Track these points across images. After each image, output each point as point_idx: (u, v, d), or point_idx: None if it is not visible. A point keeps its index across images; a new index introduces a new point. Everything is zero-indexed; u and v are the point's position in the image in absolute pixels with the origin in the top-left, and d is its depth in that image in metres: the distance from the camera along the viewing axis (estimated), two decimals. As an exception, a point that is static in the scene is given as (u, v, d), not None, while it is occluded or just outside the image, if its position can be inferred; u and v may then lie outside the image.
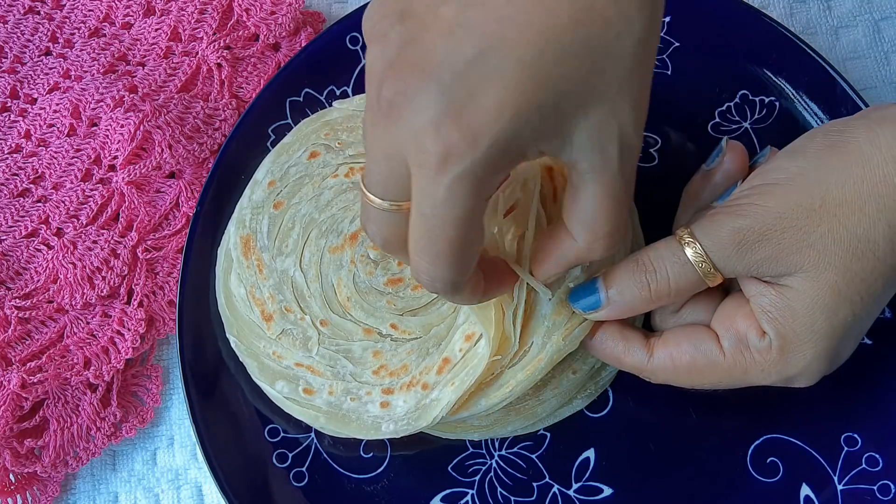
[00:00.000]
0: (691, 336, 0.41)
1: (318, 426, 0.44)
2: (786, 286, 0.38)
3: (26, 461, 0.48)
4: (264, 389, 0.45)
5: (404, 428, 0.42)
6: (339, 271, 0.46)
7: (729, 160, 0.44)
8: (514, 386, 0.43)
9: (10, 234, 0.53)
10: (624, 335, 0.43)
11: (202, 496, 0.50)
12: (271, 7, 0.56)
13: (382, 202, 0.34)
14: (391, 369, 0.44)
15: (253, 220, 0.47)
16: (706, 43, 0.52)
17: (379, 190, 0.34)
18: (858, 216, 0.37)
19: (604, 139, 0.32)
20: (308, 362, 0.44)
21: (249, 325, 0.46)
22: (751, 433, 0.47)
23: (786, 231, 0.37)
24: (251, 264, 0.47)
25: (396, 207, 0.34)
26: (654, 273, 0.40)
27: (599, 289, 0.41)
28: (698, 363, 0.41)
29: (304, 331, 0.45)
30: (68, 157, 0.54)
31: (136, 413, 0.51)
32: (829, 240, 0.37)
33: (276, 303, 0.46)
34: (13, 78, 0.56)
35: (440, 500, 0.47)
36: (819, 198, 0.37)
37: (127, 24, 0.57)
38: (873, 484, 0.45)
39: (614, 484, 0.47)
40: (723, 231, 0.38)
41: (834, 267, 0.37)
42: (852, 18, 0.56)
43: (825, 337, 0.38)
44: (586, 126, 0.32)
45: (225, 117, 0.55)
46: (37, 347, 0.50)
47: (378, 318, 0.45)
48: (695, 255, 0.39)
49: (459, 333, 0.43)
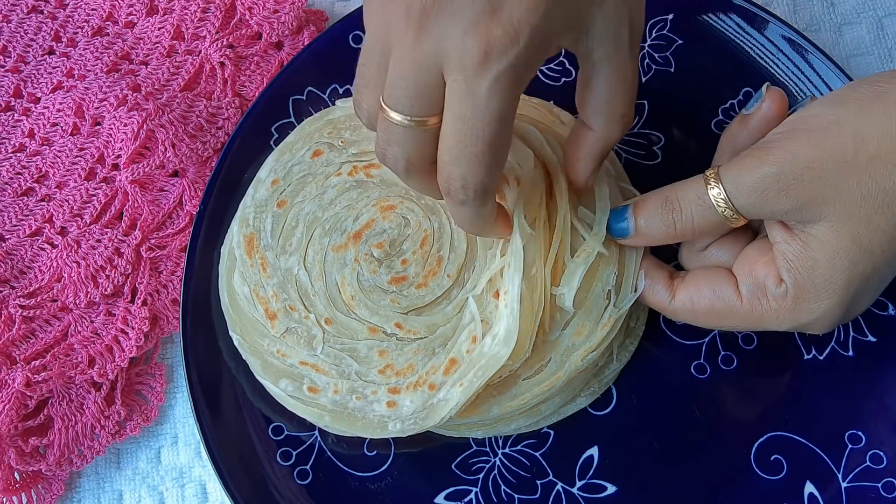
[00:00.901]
0: (712, 281, 0.42)
1: (323, 425, 0.44)
2: (810, 235, 0.38)
3: (31, 459, 0.49)
4: (268, 388, 0.45)
5: (411, 427, 0.43)
6: (342, 269, 0.46)
7: (767, 106, 0.43)
8: (529, 399, 0.44)
9: (14, 232, 0.53)
10: (650, 273, 0.44)
11: (206, 494, 0.50)
12: (274, 6, 0.56)
13: (408, 119, 0.35)
14: (397, 369, 0.44)
15: (256, 218, 0.47)
16: (709, 40, 0.52)
17: (406, 105, 0.35)
18: (890, 170, 0.36)
19: (618, 25, 0.35)
20: (313, 361, 0.44)
21: (253, 323, 0.46)
22: (755, 431, 0.47)
23: (812, 182, 0.37)
24: (255, 263, 0.47)
25: (422, 123, 0.35)
26: (680, 213, 0.41)
27: (629, 217, 0.43)
28: (716, 307, 0.42)
29: (309, 329, 0.45)
30: (72, 156, 0.54)
31: (141, 411, 0.51)
32: (856, 193, 0.37)
33: (281, 301, 0.46)
34: (17, 77, 0.56)
35: (444, 497, 0.47)
36: (852, 150, 0.37)
37: (130, 23, 0.57)
38: (878, 481, 0.45)
39: (618, 481, 0.47)
40: (748, 178, 0.39)
41: (858, 219, 0.37)
42: (856, 15, 0.56)
43: (842, 288, 0.38)
44: (601, 14, 0.35)
45: (228, 116, 0.55)
46: (41, 346, 0.51)
47: (382, 317, 0.45)
48: (718, 198, 0.39)
49: (466, 334, 0.43)
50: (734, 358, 0.48)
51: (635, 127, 0.52)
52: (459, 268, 0.45)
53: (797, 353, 0.48)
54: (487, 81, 0.33)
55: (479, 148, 0.34)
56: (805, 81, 0.51)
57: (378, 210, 0.47)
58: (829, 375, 0.47)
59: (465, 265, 0.45)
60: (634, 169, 0.51)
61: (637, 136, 0.52)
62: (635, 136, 0.52)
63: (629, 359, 0.48)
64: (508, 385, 0.44)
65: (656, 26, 0.53)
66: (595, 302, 0.44)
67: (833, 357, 0.48)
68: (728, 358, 0.48)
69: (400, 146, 0.36)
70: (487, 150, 0.34)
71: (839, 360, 0.48)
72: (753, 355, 0.48)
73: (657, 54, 0.53)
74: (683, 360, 0.48)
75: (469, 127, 0.34)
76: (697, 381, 0.48)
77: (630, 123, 0.39)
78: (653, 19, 0.53)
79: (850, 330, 0.48)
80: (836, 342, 0.48)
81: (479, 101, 0.33)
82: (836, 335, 0.48)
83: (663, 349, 0.49)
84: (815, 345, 0.48)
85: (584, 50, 0.36)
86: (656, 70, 0.52)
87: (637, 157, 0.52)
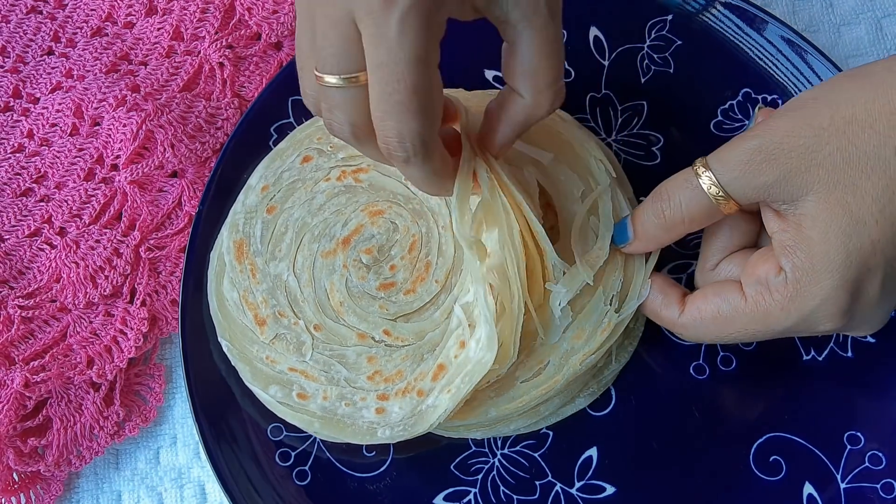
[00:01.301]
0: (720, 290, 0.42)
1: (313, 431, 0.44)
2: (801, 215, 0.38)
3: (30, 460, 0.49)
4: (257, 394, 0.45)
5: (401, 433, 0.43)
6: (331, 276, 0.46)
7: None
8: (527, 401, 0.44)
9: (13, 233, 0.53)
10: (664, 290, 0.44)
11: (205, 495, 0.50)
12: (273, 6, 0.56)
13: (339, 79, 0.35)
14: (386, 375, 0.44)
15: (246, 224, 0.48)
16: (708, 41, 0.52)
17: (333, 65, 0.35)
18: (868, 133, 0.36)
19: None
20: (302, 367, 0.45)
21: (242, 329, 0.46)
22: (754, 432, 0.47)
23: (793, 150, 0.37)
24: (244, 268, 0.47)
25: (355, 80, 0.35)
26: (668, 201, 0.41)
27: (628, 225, 0.44)
28: (722, 311, 0.42)
29: (298, 335, 0.45)
30: (71, 157, 0.54)
31: (139, 412, 0.51)
32: (837, 158, 0.37)
33: (270, 307, 0.46)
34: (16, 77, 0.56)
35: (443, 498, 0.47)
36: (828, 117, 0.37)
37: (129, 24, 0.57)
38: (876, 482, 0.45)
39: (617, 482, 0.47)
40: (732, 153, 0.39)
41: (844, 186, 0.37)
42: (855, 16, 0.56)
43: (842, 265, 0.37)
44: None
45: (227, 116, 0.55)
46: (40, 346, 0.51)
47: (371, 324, 0.45)
48: (703, 176, 0.40)
49: (454, 339, 0.43)
50: (733, 359, 0.48)
51: (635, 128, 0.52)
52: (447, 273, 0.45)
53: (796, 354, 0.48)
54: (395, 19, 0.33)
55: (403, 95, 0.34)
56: (804, 82, 0.51)
57: (367, 215, 0.47)
58: (828, 376, 0.47)
59: (453, 270, 0.45)
60: (634, 170, 0.51)
61: (636, 137, 0.52)
62: (634, 137, 0.52)
63: (628, 360, 0.48)
64: (506, 387, 0.44)
65: (656, 27, 0.53)
66: (595, 307, 0.44)
67: (832, 358, 0.48)
68: (727, 359, 0.48)
69: (341, 110, 0.36)
70: (413, 96, 0.34)
71: (838, 361, 0.47)
72: (752, 356, 0.48)
73: (656, 55, 0.53)
74: (682, 361, 0.48)
75: (388, 72, 0.34)
76: (696, 381, 0.48)
77: (562, 94, 0.39)
78: (652, 20, 0.53)
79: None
80: (835, 343, 0.48)
81: (392, 43, 0.33)
82: (835, 336, 0.48)
83: (662, 350, 0.49)
84: (814, 346, 0.48)
85: (500, 12, 0.36)
86: (655, 71, 0.52)
87: (636, 157, 0.52)
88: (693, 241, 0.49)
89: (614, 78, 0.53)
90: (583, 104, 0.52)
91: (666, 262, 0.50)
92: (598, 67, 0.53)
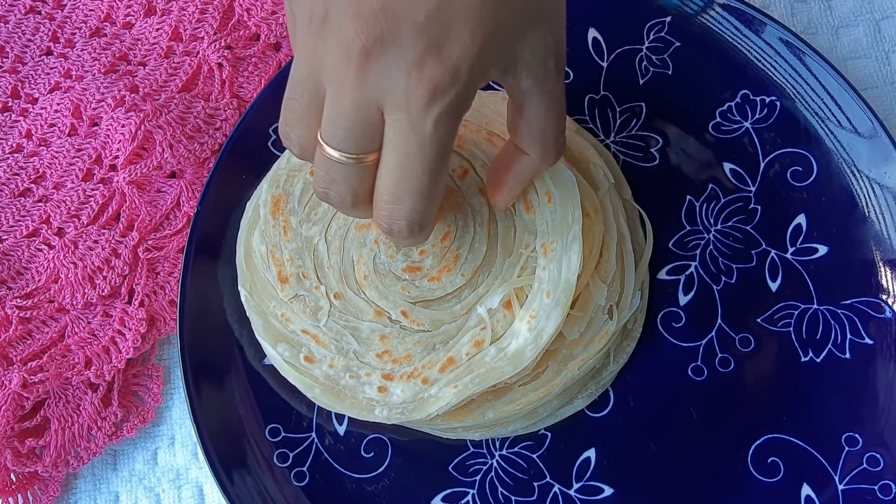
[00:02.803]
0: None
1: (312, 396, 0.44)
2: None
3: (27, 461, 0.49)
4: (265, 349, 0.45)
5: (397, 416, 0.42)
6: (361, 249, 0.46)
7: None
8: (525, 405, 0.44)
9: (11, 233, 0.53)
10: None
11: (203, 496, 0.50)
12: (272, 7, 0.56)
13: (347, 157, 0.35)
14: (395, 356, 0.44)
15: (288, 181, 0.47)
16: (707, 42, 0.52)
17: (346, 144, 0.35)
18: None
19: (544, 53, 0.36)
20: (314, 331, 0.44)
21: (263, 282, 0.46)
22: (752, 433, 0.47)
23: None
24: (277, 224, 0.46)
25: (362, 160, 0.35)
26: None
27: None
28: None
29: (317, 300, 0.45)
30: (69, 157, 0.54)
31: (137, 412, 0.51)
32: None
33: (295, 267, 0.46)
34: (14, 78, 0.56)
35: (441, 499, 0.47)
36: None
37: (128, 24, 0.57)
38: (874, 484, 0.45)
39: (615, 484, 0.47)
40: None
41: None
42: (853, 18, 0.56)
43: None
44: (529, 45, 0.35)
45: (226, 117, 0.55)
46: (38, 347, 0.51)
47: (390, 302, 0.45)
48: None
49: (469, 336, 0.43)
50: (731, 360, 0.48)
51: (633, 129, 0.52)
52: (475, 269, 0.45)
53: (794, 356, 0.48)
54: (432, 120, 0.33)
55: (425, 183, 0.35)
56: (802, 84, 0.51)
57: None
58: (827, 378, 0.47)
59: (482, 268, 0.45)
60: (632, 171, 0.51)
61: (635, 139, 0.52)
62: (633, 139, 0.52)
63: (626, 361, 0.48)
64: (504, 390, 0.44)
65: (654, 28, 0.53)
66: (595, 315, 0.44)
67: (830, 359, 0.48)
68: (725, 360, 0.48)
69: (345, 184, 0.36)
70: (434, 185, 0.35)
71: (836, 363, 0.48)
72: (751, 358, 0.48)
73: (655, 56, 0.53)
74: (680, 362, 0.48)
75: (416, 163, 0.34)
76: (694, 383, 0.48)
77: (565, 145, 0.40)
78: (650, 22, 0.53)
79: (846, 332, 0.48)
80: (832, 344, 0.48)
81: (426, 138, 0.33)
82: (833, 337, 0.48)
83: (660, 351, 0.49)
84: (812, 347, 0.48)
85: (513, 80, 0.36)
86: (654, 72, 0.52)
87: (635, 159, 0.52)
88: (692, 243, 0.50)
89: (613, 79, 0.53)
90: (581, 105, 0.52)
91: (664, 264, 0.50)
92: (597, 69, 0.53)
